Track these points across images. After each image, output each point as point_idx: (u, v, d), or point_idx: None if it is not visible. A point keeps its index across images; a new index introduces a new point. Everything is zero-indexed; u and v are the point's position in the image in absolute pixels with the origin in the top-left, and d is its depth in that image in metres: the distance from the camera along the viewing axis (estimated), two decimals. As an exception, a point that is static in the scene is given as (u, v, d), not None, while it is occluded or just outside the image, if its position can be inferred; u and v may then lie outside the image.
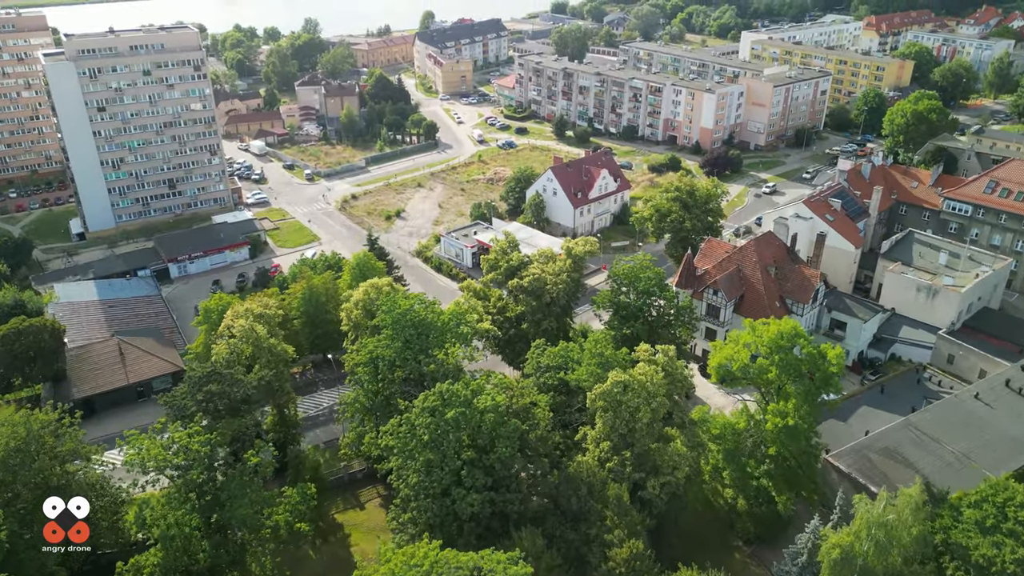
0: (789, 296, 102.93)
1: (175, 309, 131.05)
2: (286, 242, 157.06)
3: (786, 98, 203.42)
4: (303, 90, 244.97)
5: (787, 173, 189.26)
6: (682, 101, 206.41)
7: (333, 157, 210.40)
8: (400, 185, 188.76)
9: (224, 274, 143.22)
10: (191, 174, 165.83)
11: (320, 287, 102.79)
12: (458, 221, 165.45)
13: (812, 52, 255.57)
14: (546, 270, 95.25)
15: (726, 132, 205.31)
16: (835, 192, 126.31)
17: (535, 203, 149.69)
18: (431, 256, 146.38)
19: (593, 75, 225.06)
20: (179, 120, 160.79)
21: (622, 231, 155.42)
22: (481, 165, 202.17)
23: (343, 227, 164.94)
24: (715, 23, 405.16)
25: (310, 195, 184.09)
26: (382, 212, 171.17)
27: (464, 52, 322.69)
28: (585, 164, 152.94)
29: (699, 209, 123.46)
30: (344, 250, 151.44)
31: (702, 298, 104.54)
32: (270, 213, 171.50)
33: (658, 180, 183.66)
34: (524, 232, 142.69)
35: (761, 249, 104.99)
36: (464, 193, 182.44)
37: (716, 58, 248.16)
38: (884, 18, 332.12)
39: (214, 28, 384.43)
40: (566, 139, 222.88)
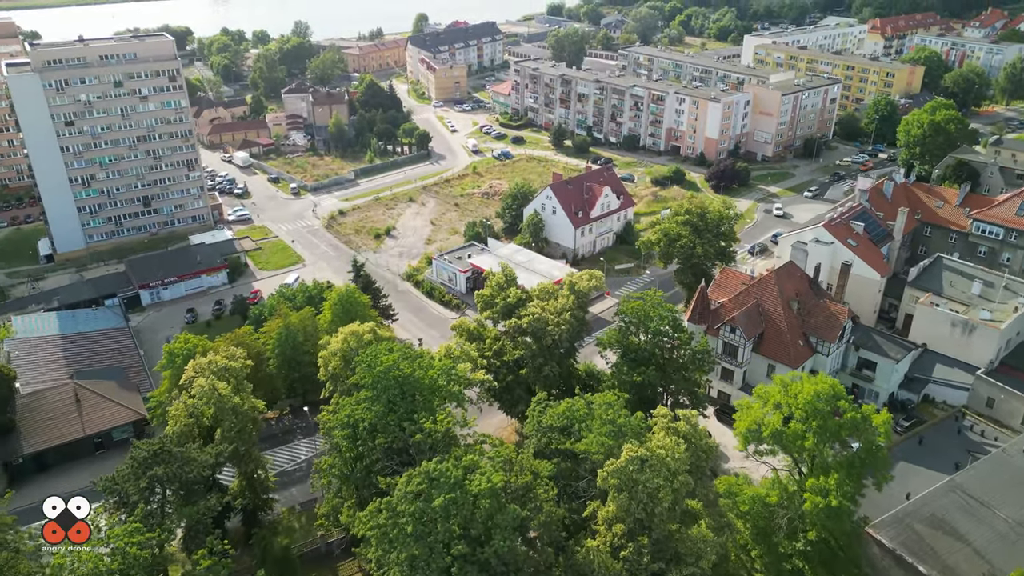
0: (814, 333, 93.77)
1: (146, 341, 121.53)
2: (268, 264, 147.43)
3: (794, 107, 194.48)
4: (290, 98, 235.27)
5: (797, 186, 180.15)
6: (686, 110, 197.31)
7: (320, 169, 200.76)
8: (390, 200, 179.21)
9: (200, 300, 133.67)
10: (167, 191, 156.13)
11: (298, 325, 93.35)
12: (451, 240, 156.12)
13: (818, 57, 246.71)
14: (547, 308, 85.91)
15: (732, 142, 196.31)
16: (856, 214, 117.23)
17: (533, 223, 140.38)
18: (422, 280, 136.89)
19: (592, 82, 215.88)
20: (154, 134, 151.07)
21: (626, 251, 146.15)
22: (476, 178, 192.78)
23: (329, 247, 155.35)
24: (715, 26, 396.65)
25: (295, 211, 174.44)
26: (371, 230, 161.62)
27: (458, 56, 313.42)
28: (586, 181, 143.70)
29: (711, 233, 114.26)
30: (329, 272, 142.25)
31: (717, 335, 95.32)
32: (252, 231, 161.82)
33: (662, 194, 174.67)
34: (522, 255, 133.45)
35: (782, 281, 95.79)
36: (458, 209, 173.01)
37: (719, 64, 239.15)
38: (889, 21, 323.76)
39: (203, 31, 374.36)
40: (564, 149, 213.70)
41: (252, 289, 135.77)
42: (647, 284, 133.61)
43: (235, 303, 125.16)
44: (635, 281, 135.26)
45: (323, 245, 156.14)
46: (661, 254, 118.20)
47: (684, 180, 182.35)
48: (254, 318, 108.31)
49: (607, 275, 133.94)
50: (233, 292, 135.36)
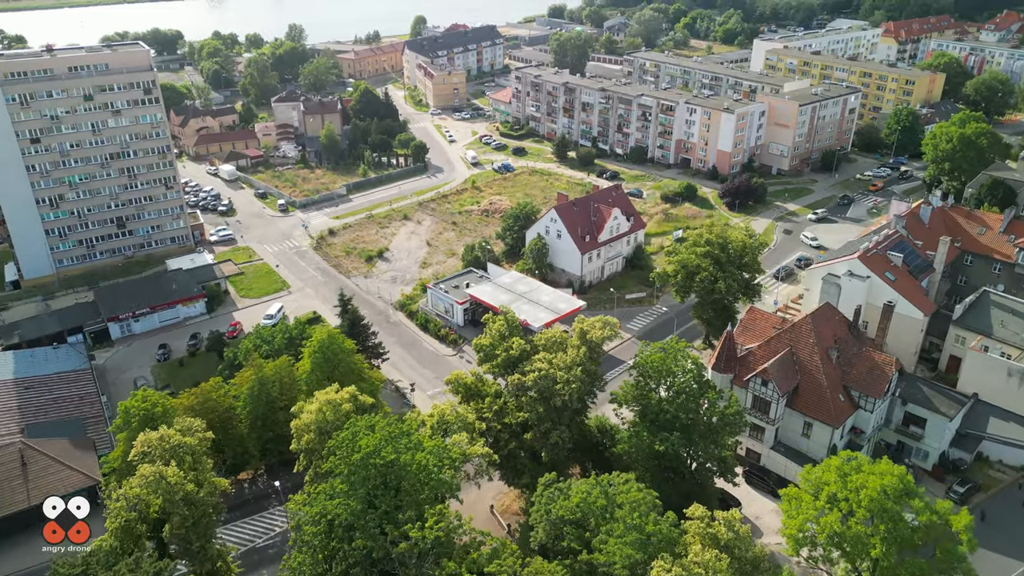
0: (856, 387, 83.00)
1: (112, 382, 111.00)
2: (251, 291, 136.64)
3: (812, 118, 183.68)
4: (280, 107, 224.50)
5: (816, 203, 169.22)
6: (697, 121, 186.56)
7: (311, 183, 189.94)
8: (384, 217, 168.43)
9: (175, 334, 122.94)
10: (143, 211, 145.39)
11: (273, 377, 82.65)
12: (448, 263, 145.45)
13: (832, 63, 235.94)
14: (555, 363, 75.11)
15: (745, 155, 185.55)
16: (894, 243, 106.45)
17: (536, 248, 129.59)
18: (417, 311, 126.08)
19: (597, 91, 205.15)
20: (128, 150, 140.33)
21: (637, 277, 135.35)
22: (475, 193, 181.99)
23: (317, 271, 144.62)
24: (720, 28, 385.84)
25: (283, 229, 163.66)
26: (362, 251, 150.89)
27: (457, 61, 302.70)
28: (593, 202, 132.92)
29: (733, 265, 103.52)
30: (316, 301, 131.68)
31: (746, 386, 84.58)
32: (235, 254, 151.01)
33: (673, 212, 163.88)
34: (524, 284, 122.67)
35: (819, 327, 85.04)
36: (456, 228, 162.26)
37: (730, 71, 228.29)
38: (902, 24, 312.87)
39: (195, 34, 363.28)
40: (568, 161, 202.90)
41: (231, 322, 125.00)
42: (661, 316, 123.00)
43: (211, 339, 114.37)
44: (647, 312, 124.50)
45: (311, 269, 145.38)
46: (678, 288, 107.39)
47: (696, 196, 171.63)
48: (228, 362, 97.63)
49: (617, 305, 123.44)
50: (211, 324, 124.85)
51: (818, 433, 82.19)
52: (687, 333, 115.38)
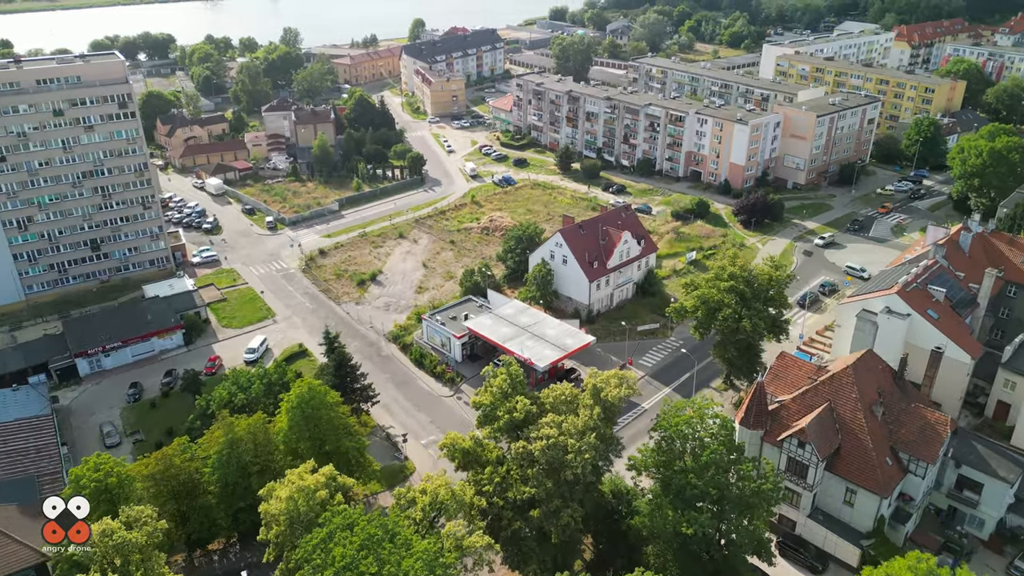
0: (905, 449, 73.50)
1: (78, 426, 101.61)
2: (233, 320, 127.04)
3: (830, 129, 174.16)
4: (271, 116, 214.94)
5: (837, 220, 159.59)
6: (708, 132, 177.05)
7: (302, 198, 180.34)
8: (378, 236, 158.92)
9: (149, 369, 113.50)
10: (119, 232, 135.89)
11: (246, 437, 73.06)
12: (446, 288, 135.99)
13: (847, 70, 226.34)
14: (565, 428, 65.58)
15: (759, 169, 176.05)
16: (934, 276, 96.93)
17: (540, 275, 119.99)
18: (411, 344, 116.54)
19: (603, 100, 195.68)
20: (101, 168, 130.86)
21: (648, 306, 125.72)
22: (474, 208, 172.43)
23: (305, 296, 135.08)
24: (727, 32, 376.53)
25: (270, 249, 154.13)
26: (354, 274, 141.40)
27: (456, 66, 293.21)
28: (602, 224, 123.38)
29: (759, 300, 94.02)
30: (303, 332, 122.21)
31: (779, 445, 75.07)
32: (218, 277, 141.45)
33: (685, 231, 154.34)
34: (527, 315, 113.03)
35: (861, 379, 75.49)
36: (454, 247, 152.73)
37: (741, 78, 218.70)
38: (915, 28, 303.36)
39: (188, 38, 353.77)
40: (572, 173, 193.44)
41: (211, 356, 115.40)
42: (676, 350, 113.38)
43: (186, 378, 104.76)
44: (661, 346, 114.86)
45: (298, 294, 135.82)
46: (698, 325, 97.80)
47: (708, 213, 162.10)
48: (200, 411, 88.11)
49: (627, 337, 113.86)
50: (189, 358, 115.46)
51: (863, 502, 72.68)
52: (706, 371, 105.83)
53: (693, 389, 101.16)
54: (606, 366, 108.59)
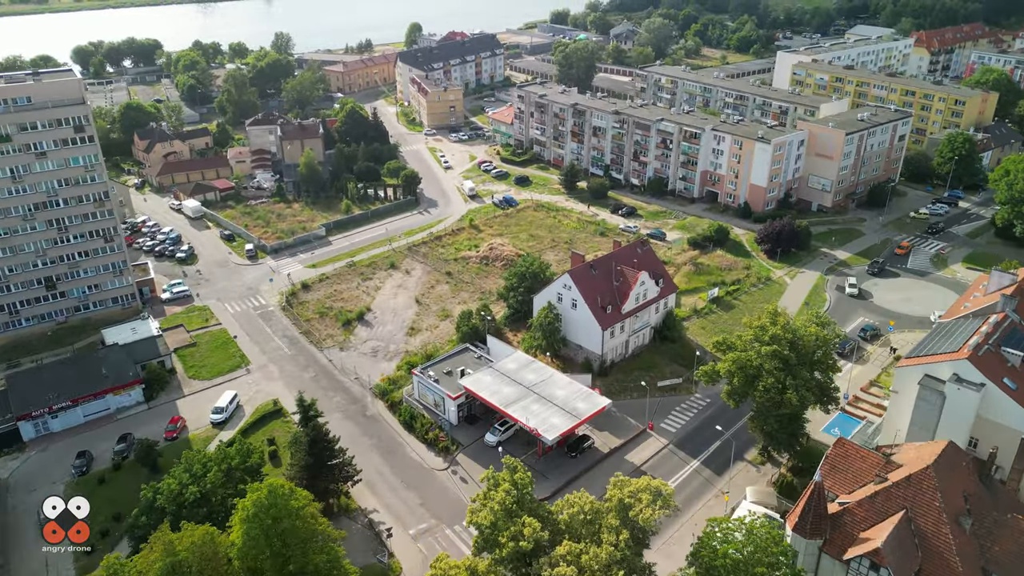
0: (1000, 572, 59.75)
1: (15, 506, 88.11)
2: (202, 369, 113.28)
3: (859, 147, 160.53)
4: (256, 130, 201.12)
5: (869, 249, 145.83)
6: (725, 150, 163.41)
7: (287, 222, 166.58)
8: (368, 266, 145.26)
9: (102, 432, 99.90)
10: (77, 268, 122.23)
11: (189, 558, 59.32)
12: (441, 329, 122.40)
13: (869, 80, 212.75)
14: (586, 562, 51.90)
15: (782, 190, 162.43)
16: (1006, 334, 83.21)
17: (547, 323, 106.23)
18: (400, 401, 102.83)
19: (611, 114, 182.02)
20: (56, 199, 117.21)
21: (668, 354, 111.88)
22: (473, 234, 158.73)
23: (284, 339, 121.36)
24: (734, 36, 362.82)
25: (248, 282, 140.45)
26: (339, 312, 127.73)
27: (453, 74, 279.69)
28: (615, 262, 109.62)
29: (805, 366, 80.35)
30: (279, 384, 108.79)
31: (845, 564, 61.36)
32: (188, 317, 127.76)
33: (703, 261, 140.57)
34: (532, 371, 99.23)
35: (944, 481, 61.82)
36: (451, 280, 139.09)
37: (757, 89, 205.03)
38: (934, 33, 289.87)
39: (178, 43, 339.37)
40: (577, 193, 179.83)
41: (173, 416, 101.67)
42: (702, 411, 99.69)
43: (140, 448, 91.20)
44: (685, 405, 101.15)
45: (277, 337, 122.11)
46: (732, 392, 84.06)
47: (728, 239, 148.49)
48: (146, 504, 74.39)
49: (648, 392, 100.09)
50: (149, 418, 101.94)
51: (950, 638, 58.97)
52: (738, 437, 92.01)
53: (730, 458, 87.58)
54: (622, 430, 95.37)
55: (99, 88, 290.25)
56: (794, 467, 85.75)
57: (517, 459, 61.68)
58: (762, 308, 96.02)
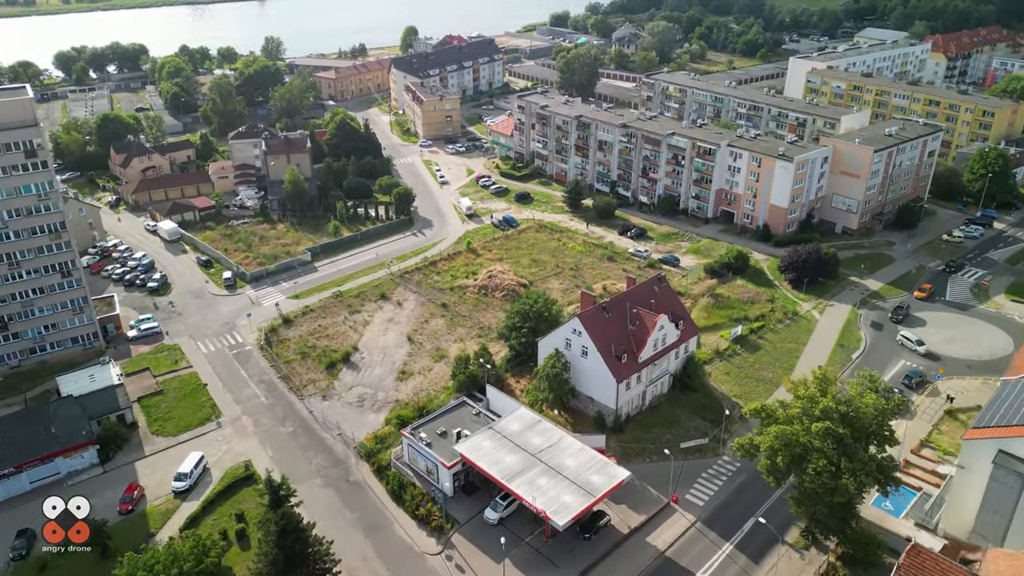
0: None
1: (-63, 600, 75.71)
2: (167, 423, 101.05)
3: (887, 165, 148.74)
4: (239, 144, 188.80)
5: (901, 279, 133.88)
6: (743, 168, 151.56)
7: (270, 244, 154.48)
8: (356, 297, 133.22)
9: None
10: (32, 307, 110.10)
11: None
12: (435, 373, 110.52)
13: (889, 88, 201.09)
14: None
15: (803, 211, 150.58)
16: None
17: (553, 374, 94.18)
18: (388, 465, 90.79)
19: (617, 127, 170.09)
20: (5, 231, 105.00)
21: (690, 405, 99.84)
22: (470, 259, 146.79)
23: (260, 385, 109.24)
24: (740, 40, 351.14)
25: (225, 316, 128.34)
26: (323, 353, 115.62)
27: (450, 81, 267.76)
28: (630, 304, 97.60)
29: (862, 442, 68.42)
30: (253, 441, 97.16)
31: None
32: (156, 359, 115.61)
33: (723, 293, 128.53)
34: (538, 434, 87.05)
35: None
36: (446, 314, 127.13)
37: (772, 99, 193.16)
38: (951, 37, 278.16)
39: (166, 48, 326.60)
40: (582, 212, 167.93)
41: (130, 484, 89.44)
42: (732, 477, 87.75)
43: (88, 527, 78.90)
44: (712, 470, 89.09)
45: (253, 382, 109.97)
46: (772, 469, 71.92)
47: (748, 265, 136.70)
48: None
49: (671, 456, 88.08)
50: (103, 484, 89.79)
51: None
52: (776, 512, 79.92)
53: (769, 542, 75.54)
54: (643, 504, 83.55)
55: (80, 96, 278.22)
56: (843, 554, 73.81)
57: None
58: (807, 372, 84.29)
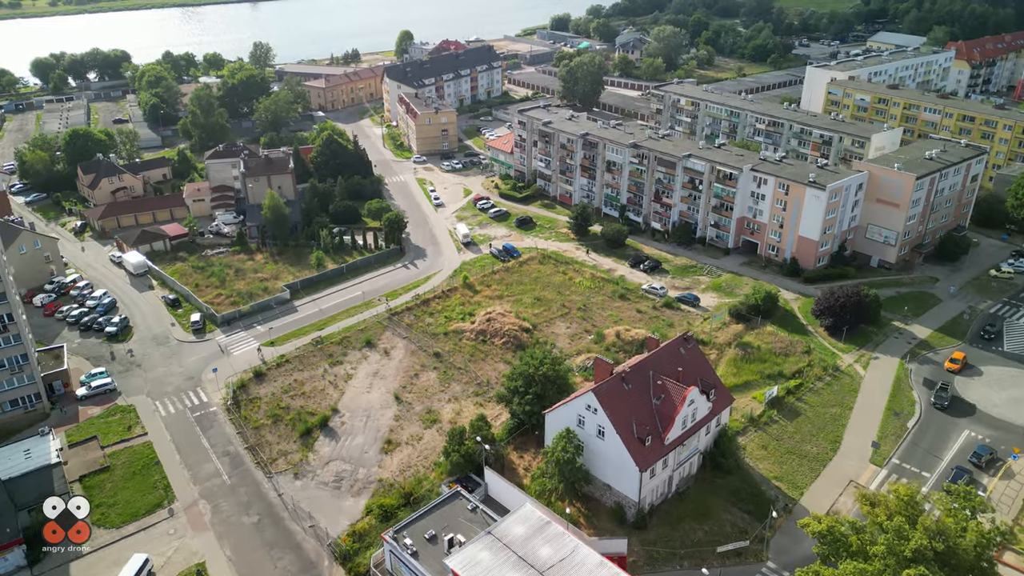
0: None
1: None
2: (111, 510, 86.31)
3: (930, 192, 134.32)
4: (216, 164, 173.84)
5: (952, 323, 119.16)
6: (768, 195, 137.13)
7: (246, 279, 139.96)
8: (338, 344, 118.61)
9: (-38, 619, 73.60)
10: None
11: None
12: (425, 443, 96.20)
13: (919, 102, 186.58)
14: None
15: (835, 243, 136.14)
16: None
17: (564, 458, 79.65)
18: (367, 574, 76.18)
19: (628, 147, 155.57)
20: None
21: (724, 490, 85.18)
22: (466, 297, 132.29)
23: (224, 458, 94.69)
24: (749, 44, 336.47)
25: (189, 368, 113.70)
26: (297, 417, 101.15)
27: (447, 90, 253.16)
28: (654, 373, 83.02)
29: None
30: (209, 536, 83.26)
31: None
32: (107, 424, 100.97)
33: (751, 341, 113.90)
34: (547, 544, 71.77)
35: None
36: (439, 365, 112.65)
37: (794, 114, 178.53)
38: (974, 43, 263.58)
39: (154, 52, 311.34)
40: (589, 239, 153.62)
41: (57, 598, 75.35)
42: (779, 592, 73.31)
43: None
44: (753, 578, 74.76)
45: (215, 454, 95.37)
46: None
47: (777, 306, 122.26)
48: None
49: (704, 565, 73.40)
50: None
51: None
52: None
53: None
54: (674, 631, 68.65)
55: (55, 107, 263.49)
56: None
57: None
58: (888, 489, 69.48)
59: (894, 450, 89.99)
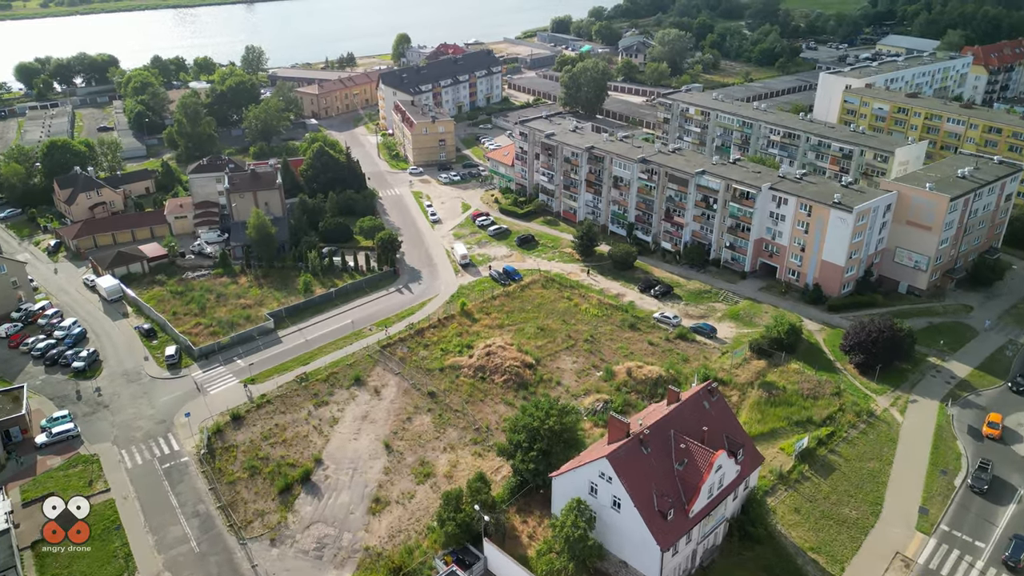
0: None
1: None
2: (65, 584, 76.90)
3: (964, 214, 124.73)
4: (199, 179, 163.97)
5: (992, 358, 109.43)
6: (788, 216, 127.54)
7: (228, 305, 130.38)
8: (324, 382, 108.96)
9: None
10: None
11: None
12: (417, 502, 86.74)
13: (941, 112, 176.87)
14: None
15: (861, 267, 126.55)
16: None
17: (573, 535, 70.00)
18: (350, 670, 66.74)
19: (636, 162, 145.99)
20: None
21: (753, 566, 75.45)
22: (464, 326, 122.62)
23: (193, 519, 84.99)
24: (756, 48, 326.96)
25: (162, 411, 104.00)
26: (278, 468, 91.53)
27: (444, 97, 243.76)
28: (676, 435, 73.31)
29: None
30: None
31: None
32: (66, 477, 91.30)
33: (774, 380, 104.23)
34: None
35: None
36: (434, 406, 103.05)
37: (810, 126, 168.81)
38: (992, 48, 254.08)
39: (145, 56, 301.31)
40: (595, 260, 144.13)
41: None
42: None
43: None
44: None
45: (184, 515, 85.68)
46: None
47: (800, 339, 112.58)
48: None
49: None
50: None
51: None
52: None
53: None
54: None
55: (38, 114, 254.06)
56: None
57: None
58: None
59: (942, 514, 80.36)
